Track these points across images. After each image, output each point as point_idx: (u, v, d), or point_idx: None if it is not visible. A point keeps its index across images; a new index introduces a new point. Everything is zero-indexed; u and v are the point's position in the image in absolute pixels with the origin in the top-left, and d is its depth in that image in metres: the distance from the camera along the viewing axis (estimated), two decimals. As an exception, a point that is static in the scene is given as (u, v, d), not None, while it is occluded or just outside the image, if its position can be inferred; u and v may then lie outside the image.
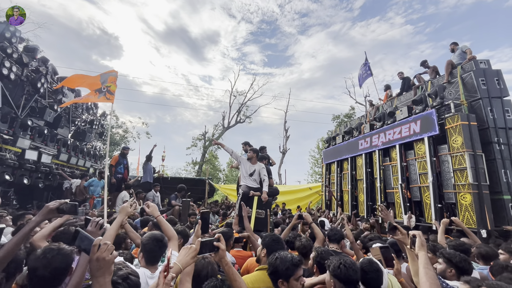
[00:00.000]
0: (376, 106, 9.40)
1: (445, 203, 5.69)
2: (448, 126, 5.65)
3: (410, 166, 6.61)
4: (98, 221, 1.59)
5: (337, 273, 1.59)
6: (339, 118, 24.85)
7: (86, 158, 10.00)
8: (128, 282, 1.28)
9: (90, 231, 1.55)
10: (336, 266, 1.61)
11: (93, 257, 1.09)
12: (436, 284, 1.37)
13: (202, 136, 26.09)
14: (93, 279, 1.07)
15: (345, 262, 1.62)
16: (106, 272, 1.09)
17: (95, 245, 1.10)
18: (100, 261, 1.08)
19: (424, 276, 1.42)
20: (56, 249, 1.39)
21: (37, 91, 7.39)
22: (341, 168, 9.74)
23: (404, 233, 1.91)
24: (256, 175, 4.84)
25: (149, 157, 8.23)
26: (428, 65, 7.66)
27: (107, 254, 1.10)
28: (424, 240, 1.63)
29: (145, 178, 8.17)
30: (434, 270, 1.49)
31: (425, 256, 1.53)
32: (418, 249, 1.59)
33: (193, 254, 1.37)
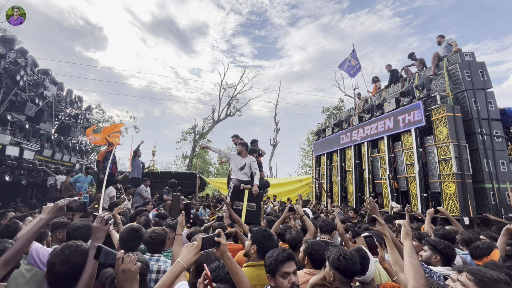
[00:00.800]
0: (365, 98, 9.51)
1: (431, 192, 5.87)
2: (434, 117, 5.78)
3: (398, 157, 6.76)
4: (103, 217, 1.59)
5: (336, 264, 1.60)
6: (328, 110, 25.05)
7: (71, 154, 9.70)
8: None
9: (96, 227, 1.56)
10: (336, 258, 1.62)
11: (119, 270, 1.15)
12: (420, 272, 1.40)
13: (192, 130, 25.79)
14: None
15: (345, 254, 1.63)
16: (133, 282, 1.16)
17: (119, 258, 1.16)
18: (126, 272, 1.15)
19: (409, 265, 1.45)
20: (74, 246, 1.46)
21: (16, 84, 7.04)
22: (331, 160, 9.87)
23: (382, 224, 1.97)
24: (247, 169, 4.84)
25: (136, 153, 8.06)
26: (415, 57, 7.77)
27: (132, 265, 1.17)
28: (410, 229, 1.66)
29: (133, 174, 8.01)
30: (419, 258, 1.52)
31: (410, 245, 1.56)
32: (403, 238, 1.62)
33: (196, 251, 1.39)
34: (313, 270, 2.08)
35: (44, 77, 8.57)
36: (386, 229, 1.93)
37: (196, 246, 1.40)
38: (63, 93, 10.09)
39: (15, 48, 7.56)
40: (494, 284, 1.13)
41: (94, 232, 1.55)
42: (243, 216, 4.51)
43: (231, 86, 26.50)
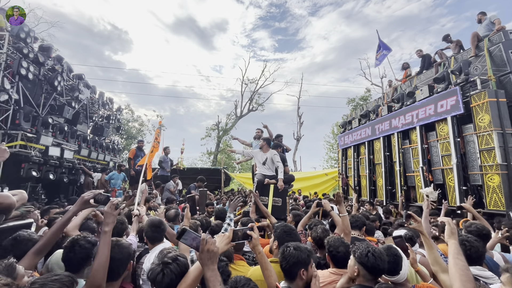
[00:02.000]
0: (394, 87, 8.99)
1: (471, 185, 5.44)
2: (474, 104, 5.30)
3: (432, 148, 6.33)
4: (113, 202, 1.66)
5: (364, 260, 1.54)
6: (354, 101, 24.11)
7: (105, 152, 10.32)
8: (177, 262, 1.42)
9: (106, 211, 1.62)
10: (364, 253, 1.56)
11: (204, 249, 1.27)
12: (467, 275, 1.28)
13: (216, 126, 26.25)
14: (205, 267, 1.27)
15: (374, 251, 1.56)
16: (214, 261, 1.28)
17: (203, 239, 1.28)
18: (210, 252, 1.27)
19: (454, 267, 1.33)
20: (114, 241, 1.54)
21: (55, 89, 7.60)
22: (358, 153, 9.52)
23: (419, 221, 1.84)
24: (270, 163, 4.80)
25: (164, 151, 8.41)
26: (451, 39, 7.16)
27: (214, 246, 1.29)
28: (455, 227, 1.52)
29: (162, 171, 8.36)
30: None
31: (455, 245, 1.43)
32: (448, 237, 1.49)
33: (226, 241, 1.48)
34: (337, 270, 2.01)
35: (79, 82, 9.16)
36: (422, 227, 1.81)
37: (227, 237, 1.47)
38: (95, 96, 10.72)
39: (52, 56, 8.14)
40: None
41: (105, 217, 1.62)
42: (269, 212, 4.50)
43: (252, 81, 26.49)
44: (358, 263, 1.57)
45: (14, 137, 6.22)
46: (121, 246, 1.52)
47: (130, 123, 24.51)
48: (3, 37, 6.12)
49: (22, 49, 6.48)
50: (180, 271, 1.45)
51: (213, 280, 1.24)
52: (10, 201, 1.87)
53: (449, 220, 1.57)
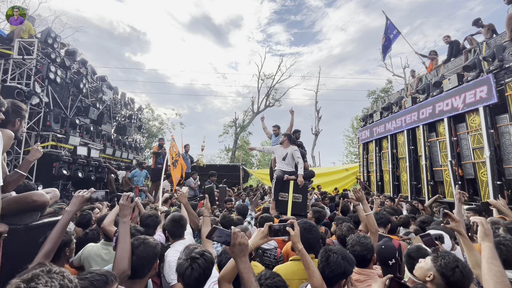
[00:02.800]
0: (419, 77, 8.54)
1: (506, 179, 5.08)
2: (509, 92, 4.92)
3: (462, 140, 5.97)
4: (128, 195, 1.74)
5: (448, 274, 1.41)
6: (375, 93, 23.27)
7: (128, 151, 10.73)
8: (204, 258, 1.47)
9: (123, 204, 1.70)
10: (451, 267, 1.41)
11: (235, 243, 1.30)
12: (503, 282, 1.15)
13: (233, 123, 26.42)
14: (238, 259, 1.31)
15: (463, 268, 1.41)
16: (246, 253, 1.32)
17: (235, 233, 1.32)
18: (241, 245, 1.30)
19: (488, 273, 1.20)
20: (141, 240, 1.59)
21: (81, 91, 7.97)
22: (380, 147, 9.19)
23: (457, 220, 1.70)
24: (290, 159, 4.74)
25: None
26: (482, 23, 6.64)
27: (245, 239, 1.32)
28: (489, 228, 1.38)
29: (182, 168, 8.56)
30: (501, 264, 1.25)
31: (490, 248, 1.30)
32: (481, 239, 1.36)
33: (261, 236, 1.52)
34: (359, 269, 1.95)
35: (102, 83, 9.55)
36: (460, 226, 1.68)
37: (263, 231, 1.52)
38: (118, 97, 11.14)
39: (77, 60, 8.53)
40: None
41: (121, 209, 1.69)
42: (289, 208, 4.46)
43: (269, 76, 26.34)
44: (439, 273, 1.43)
45: (46, 138, 6.61)
46: (147, 245, 1.54)
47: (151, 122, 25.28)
48: (32, 44, 6.47)
49: (50, 54, 6.83)
50: (207, 266, 1.50)
51: (247, 272, 1.27)
52: (45, 199, 1.97)
53: (483, 220, 1.42)
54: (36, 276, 0.82)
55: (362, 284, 1.88)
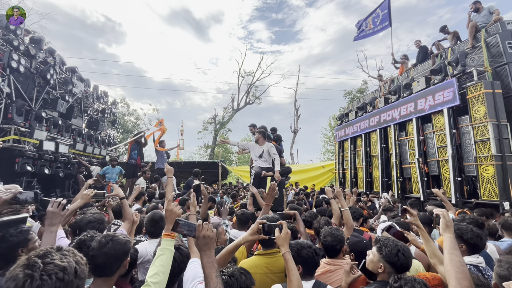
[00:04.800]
0: (391, 78, 8.97)
1: (465, 176, 5.50)
2: (470, 95, 5.31)
3: (428, 139, 6.37)
4: (59, 202, 1.62)
5: (393, 260, 1.51)
6: (351, 93, 24.10)
7: (101, 146, 10.24)
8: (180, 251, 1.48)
9: (52, 211, 1.58)
10: (394, 253, 1.52)
11: (200, 235, 1.30)
12: (463, 271, 1.22)
13: (213, 120, 26.12)
14: (202, 252, 1.29)
15: (404, 250, 1.54)
16: (211, 246, 1.31)
17: (200, 225, 1.31)
18: (206, 238, 1.29)
19: (450, 263, 1.27)
20: (109, 237, 1.50)
21: (48, 82, 7.45)
22: (355, 145, 9.55)
23: (414, 214, 1.83)
24: (266, 155, 4.79)
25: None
26: (448, 30, 7.12)
27: (210, 232, 1.32)
28: (450, 220, 1.45)
29: (158, 165, 8.31)
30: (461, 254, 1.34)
31: (451, 239, 1.36)
32: (443, 231, 1.42)
33: (251, 232, 1.59)
34: (330, 260, 2.04)
35: (72, 75, 8.99)
36: (418, 220, 1.80)
37: (252, 229, 1.60)
38: (90, 89, 10.55)
39: (43, 48, 7.96)
40: None
41: (49, 218, 1.55)
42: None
43: (249, 73, 26.30)
44: (386, 262, 1.52)
45: (7, 131, 6.11)
46: (116, 242, 1.46)
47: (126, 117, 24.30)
48: (-9, 29, 5.96)
49: (12, 41, 6.31)
50: (182, 260, 1.51)
51: (209, 267, 1.26)
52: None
53: (445, 213, 1.49)
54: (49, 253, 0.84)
55: (333, 274, 1.96)
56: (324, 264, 2.01)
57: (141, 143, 8.05)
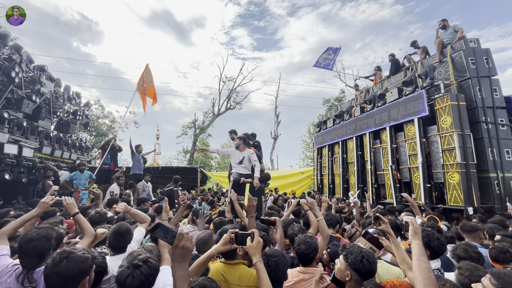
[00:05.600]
0: (366, 88, 9.35)
1: (434, 182, 5.80)
2: (437, 106, 5.65)
3: (400, 147, 6.67)
4: None
5: (358, 267, 1.50)
6: (329, 102, 24.81)
7: (71, 151, 9.64)
8: (148, 264, 1.35)
9: None
10: (358, 259, 1.51)
11: (178, 245, 1.21)
12: (430, 278, 1.26)
13: (192, 124, 25.69)
14: (176, 264, 1.21)
15: (368, 257, 1.54)
16: (187, 259, 1.24)
17: (180, 234, 1.22)
18: (184, 249, 1.21)
19: (418, 270, 1.30)
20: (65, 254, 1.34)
21: (12, 81, 6.92)
22: (332, 152, 9.79)
23: (386, 222, 1.87)
24: (246, 162, 4.76)
25: (131, 150, 8.00)
26: (418, 45, 7.58)
27: (190, 244, 1.23)
28: (419, 227, 1.51)
29: (133, 170, 7.97)
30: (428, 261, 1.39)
31: (418, 246, 1.40)
32: (411, 237, 1.47)
33: (223, 242, 1.53)
34: (304, 269, 2.03)
35: (41, 74, 8.44)
36: (390, 228, 1.84)
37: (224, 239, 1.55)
38: (60, 90, 9.96)
39: (8, 44, 7.42)
40: None
41: None
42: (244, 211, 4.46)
43: (230, 79, 26.28)
44: (352, 269, 1.52)
45: (-38, 133, 5.58)
46: (71, 260, 1.30)
47: (100, 119, 23.22)
48: None
49: (-28, 35, 5.82)
50: (150, 273, 1.40)
51: (182, 281, 1.19)
52: None
53: (413, 220, 1.54)
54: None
55: (307, 283, 1.95)
56: (298, 273, 1.99)
57: (115, 147, 7.71)
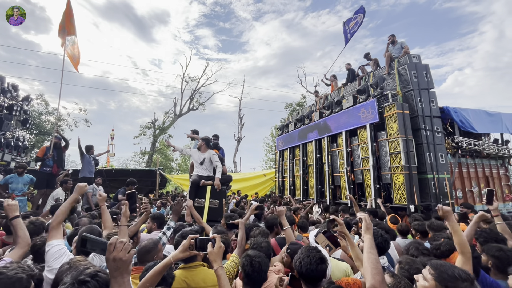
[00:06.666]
0: (325, 95, 9.88)
1: (383, 183, 6.34)
2: (386, 114, 6.21)
3: (354, 151, 7.16)
4: None
5: (299, 271, 1.55)
6: (291, 106, 25.65)
7: (4, 150, 8.44)
8: (97, 279, 1.19)
9: None
10: (297, 264, 1.55)
11: (109, 257, 1.07)
12: (377, 268, 1.38)
13: (152, 124, 24.36)
14: (112, 279, 1.06)
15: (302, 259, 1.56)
16: (124, 272, 1.08)
17: (111, 244, 1.07)
18: (117, 261, 1.06)
19: (367, 261, 1.41)
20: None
21: None
22: (293, 155, 10.11)
23: (341, 223, 1.96)
24: (207, 163, 4.66)
25: (80, 151, 7.27)
26: (370, 57, 8.26)
27: (124, 254, 1.07)
28: (370, 223, 1.64)
29: (82, 173, 7.21)
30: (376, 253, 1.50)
31: (369, 240, 1.53)
32: (364, 232, 1.60)
33: (181, 249, 1.47)
34: None
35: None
36: (345, 229, 1.94)
37: (183, 245, 1.48)
38: (-8, 81, 8.69)
39: None
40: (452, 281, 1.12)
41: None
42: (205, 214, 4.36)
43: (193, 79, 25.58)
44: (298, 272, 1.57)
45: None
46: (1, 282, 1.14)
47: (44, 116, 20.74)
48: None
49: None
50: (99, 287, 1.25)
51: None
52: None
53: (366, 216, 1.67)
54: None
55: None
56: None
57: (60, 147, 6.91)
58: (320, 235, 2.02)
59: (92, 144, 7.56)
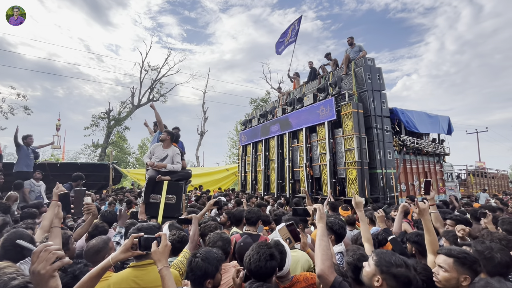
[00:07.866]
0: (288, 92, 10.10)
1: (338, 178, 6.72)
2: (343, 112, 6.56)
3: (313, 147, 7.46)
4: None
5: (247, 268, 1.53)
6: (256, 101, 25.83)
7: None
8: None
9: None
10: (246, 261, 1.53)
11: (33, 270, 0.91)
12: (327, 254, 1.47)
13: (106, 115, 22.50)
14: None
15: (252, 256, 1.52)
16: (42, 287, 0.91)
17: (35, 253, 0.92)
18: (35, 274, 0.90)
19: (318, 248, 1.51)
20: None
21: None
22: (256, 150, 10.20)
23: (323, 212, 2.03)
24: (169, 161, 4.42)
25: (16, 142, 6.42)
26: (330, 57, 8.62)
27: (43, 267, 0.90)
28: (324, 213, 1.75)
29: (18, 167, 6.35)
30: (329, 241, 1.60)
31: (322, 228, 1.64)
32: (317, 221, 1.70)
33: (123, 249, 1.34)
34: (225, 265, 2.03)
35: None
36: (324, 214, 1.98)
37: (125, 245, 1.35)
38: None
39: None
40: (388, 266, 1.26)
41: None
42: (161, 210, 4.16)
43: (154, 68, 24.16)
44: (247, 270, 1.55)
45: None
46: None
47: (-30, 100, 17.82)
48: None
49: None
50: None
51: None
52: None
53: (320, 207, 1.77)
54: None
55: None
56: None
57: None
58: (283, 227, 2.03)
59: (31, 134, 6.69)
